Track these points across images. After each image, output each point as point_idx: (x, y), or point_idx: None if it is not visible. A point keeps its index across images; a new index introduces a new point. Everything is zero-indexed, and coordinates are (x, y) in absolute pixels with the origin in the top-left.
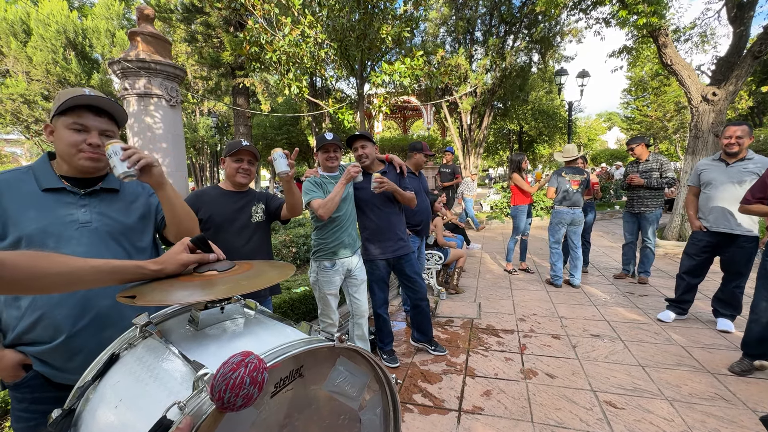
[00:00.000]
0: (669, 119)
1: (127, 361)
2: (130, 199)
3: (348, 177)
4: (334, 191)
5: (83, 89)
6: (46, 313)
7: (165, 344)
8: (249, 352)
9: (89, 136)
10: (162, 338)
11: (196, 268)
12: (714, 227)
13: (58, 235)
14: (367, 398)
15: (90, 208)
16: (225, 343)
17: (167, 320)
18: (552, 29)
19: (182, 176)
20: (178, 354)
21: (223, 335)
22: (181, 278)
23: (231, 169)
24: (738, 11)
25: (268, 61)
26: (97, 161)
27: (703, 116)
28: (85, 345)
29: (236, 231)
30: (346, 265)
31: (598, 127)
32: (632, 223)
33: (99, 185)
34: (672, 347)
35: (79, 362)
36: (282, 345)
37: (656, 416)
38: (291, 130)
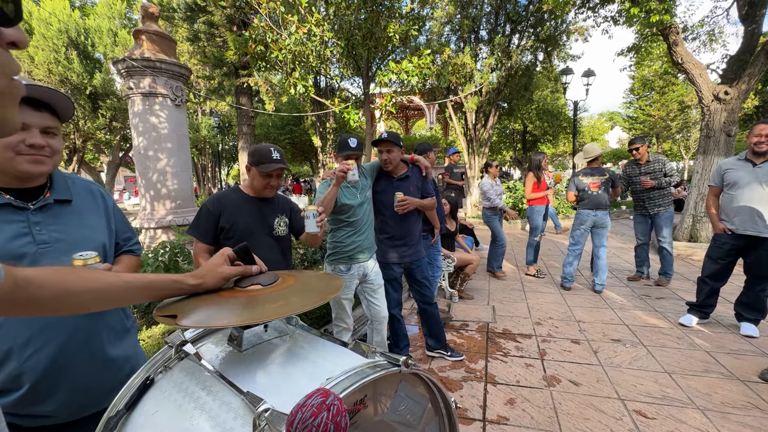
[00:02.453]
0: (672, 119)
1: (164, 387)
2: (86, 213)
3: (338, 181)
4: (326, 192)
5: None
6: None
7: (207, 368)
8: (327, 392)
9: (28, 135)
10: (200, 361)
11: (237, 282)
12: (741, 230)
13: (18, 264)
14: (426, 426)
15: (45, 226)
16: (277, 370)
17: (204, 338)
18: (558, 28)
19: (187, 176)
20: (225, 382)
21: (272, 359)
22: (222, 293)
23: (259, 182)
24: (749, 9)
25: (274, 60)
26: (41, 164)
27: (714, 115)
28: (56, 387)
29: (259, 241)
30: (362, 269)
31: (601, 127)
32: (644, 224)
33: (49, 197)
34: (697, 353)
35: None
36: (348, 374)
37: (690, 427)
38: (294, 130)
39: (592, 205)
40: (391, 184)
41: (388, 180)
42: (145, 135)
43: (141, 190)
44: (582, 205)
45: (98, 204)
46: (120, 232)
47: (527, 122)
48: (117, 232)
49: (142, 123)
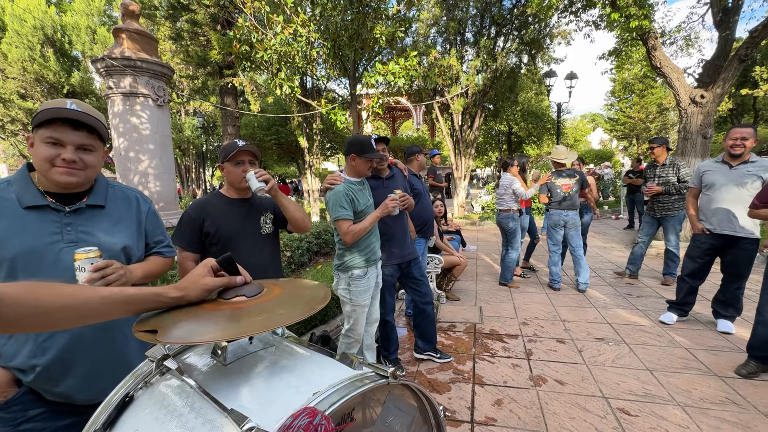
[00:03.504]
0: (652, 121)
1: (145, 404)
2: (117, 217)
3: (385, 212)
4: (368, 221)
5: (66, 101)
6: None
7: (189, 384)
8: (314, 411)
9: (64, 150)
10: (184, 376)
11: (221, 293)
12: (718, 230)
13: (42, 258)
14: None
15: (75, 227)
16: (263, 384)
17: (187, 351)
18: (542, 31)
19: (170, 178)
20: (208, 398)
21: (257, 372)
22: (205, 306)
23: (234, 175)
24: (723, 15)
25: (259, 60)
26: (72, 176)
27: (691, 118)
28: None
29: (248, 244)
30: (376, 270)
31: (583, 128)
32: (651, 226)
33: (84, 202)
34: (677, 350)
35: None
36: (335, 387)
37: (671, 423)
38: (280, 131)
39: (563, 206)
40: (382, 184)
41: (378, 180)
42: (126, 136)
43: None
44: (554, 206)
45: (131, 209)
46: (151, 234)
47: (512, 124)
48: (148, 234)
49: (123, 123)
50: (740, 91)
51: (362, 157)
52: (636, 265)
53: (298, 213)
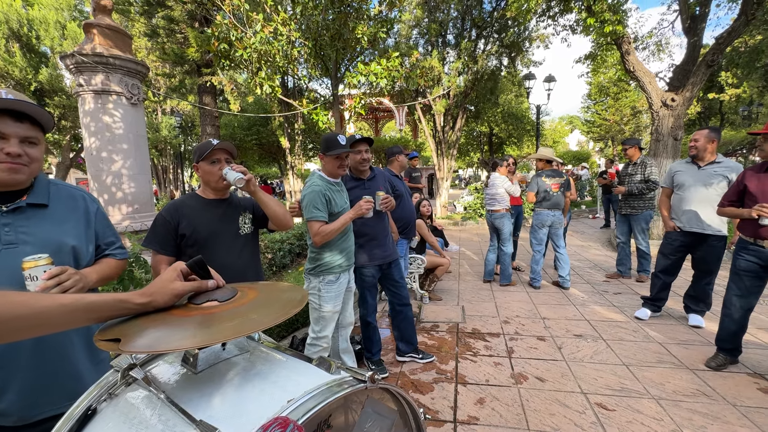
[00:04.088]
0: (626, 123)
1: (109, 417)
2: (62, 217)
3: (359, 213)
4: (339, 222)
5: (0, 90)
6: None
7: (157, 394)
8: (286, 421)
9: (7, 144)
10: (151, 386)
11: (191, 298)
12: (687, 227)
13: None
14: None
15: (14, 228)
16: (235, 392)
17: (155, 360)
18: (521, 35)
19: (146, 179)
20: (176, 409)
21: (230, 380)
22: (174, 312)
23: (211, 174)
24: (692, 22)
25: (239, 58)
26: (16, 173)
27: (663, 120)
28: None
29: (225, 246)
30: (348, 276)
31: (561, 130)
32: (624, 224)
33: (24, 200)
34: (651, 345)
35: (12, 396)
36: (311, 394)
37: (646, 416)
38: (261, 131)
39: (551, 205)
40: (363, 185)
41: (359, 182)
42: (98, 135)
43: (93, 194)
44: (542, 206)
45: (78, 209)
46: (102, 236)
47: (493, 125)
48: (98, 236)
49: (94, 122)
50: (708, 95)
51: (328, 155)
52: (626, 266)
53: (279, 208)
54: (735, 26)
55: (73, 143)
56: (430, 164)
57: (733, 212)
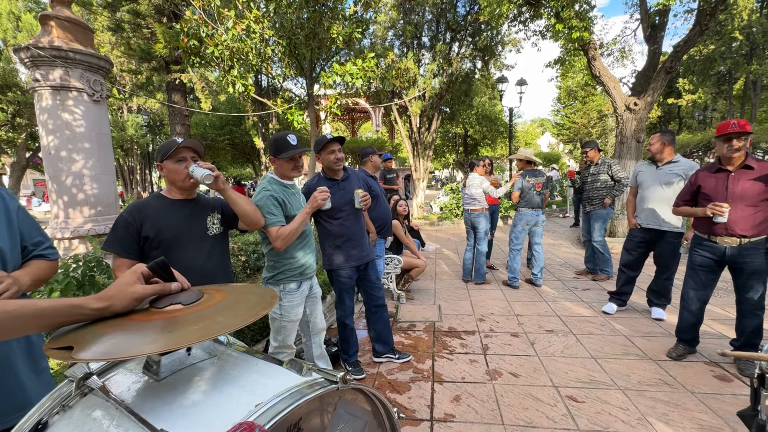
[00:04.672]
0: (593, 126)
1: (61, 430)
2: None
3: (315, 205)
4: (296, 220)
5: None
6: None
7: (115, 404)
8: (251, 426)
9: None
10: (109, 396)
11: (153, 302)
12: (645, 224)
13: None
14: None
15: None
16: (201, 399)
17: (114, 368)
18: (494, 39)
19: (110, 180)
20: (136, 419)
21: (195, 386)
22: (134, 317)
23: (176, 172)
24: (652, 31)
25: (209, 56)
26: None
27: (626, 124)
28: None
29: (192, 247)
30: (309, 283)
31: (533, 132)
32: (588, 222)
33: None
34: (617, 338)
35: None
36: (281, 396)
37: (613, 406)
38: (234, 131)
39: (533, 204)
40: (338, 185)
41: (333, 182)
42: (57, 133)
43: (52, 196)
44: (525, 205)
45: None
46: (27, 236)
47: (468, 127)
48: (24, 236)
49: (53, 120)
50: (667, 100)
51: (280, 158)
52: (593, 262)
53: (249, 207)
54: (690, 35)
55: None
56: (406, 165)
57: (688, 211)
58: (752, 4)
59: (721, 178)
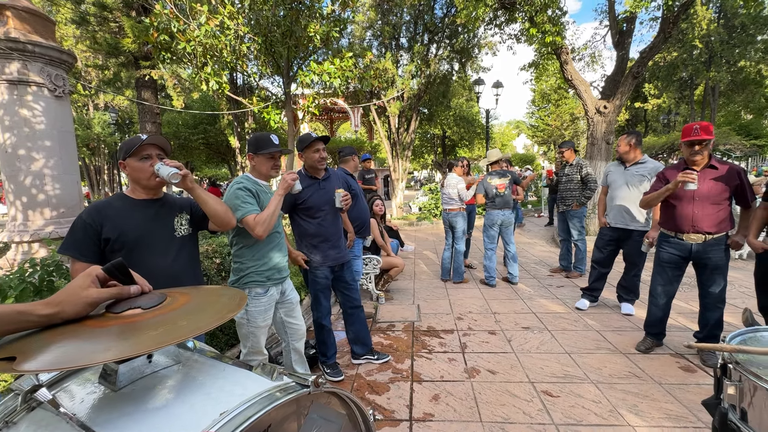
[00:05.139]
0: (566, 128)
1: None
2: None
3: (286, 186)
4: (272, 204)
5: None
6: None
7: (66, 419)
8: None
9: None
10: (59, 409)
11: (110, 307)
12: (613, 223)
13: None
14: None
15: None
16: (161, 409)
17: (66, 379)
18: (471, 41)
19: (73, 180)
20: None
21: (156, 395)
22: (88, 323)
23: (141, 171)
24: (620, 37)
25: (181, 52)
26: None
27: (597, 126)
28: None
29: (158, 249)
30: (280, 288)
31: (509, 134)
32: (563, 222)
33: None
34: (590, 333)
35: None
36: (248, 403)
37: (587, 400)
38: (208, 130)
39: (500, 205)
40: (319, 184)
41: (314, 180)
42: (14, 130)
43: (9, 197)
44: (491, 206)
45: None
46: None
47: (446, 128)
48: None
49: (9, 116)
50: (634, 104)
51: (259, 154)
52: (567, 260)
53: (219, 206)
54: (655, 42)
55: None
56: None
57: (658, 192)
58: (711, 15)
59: None
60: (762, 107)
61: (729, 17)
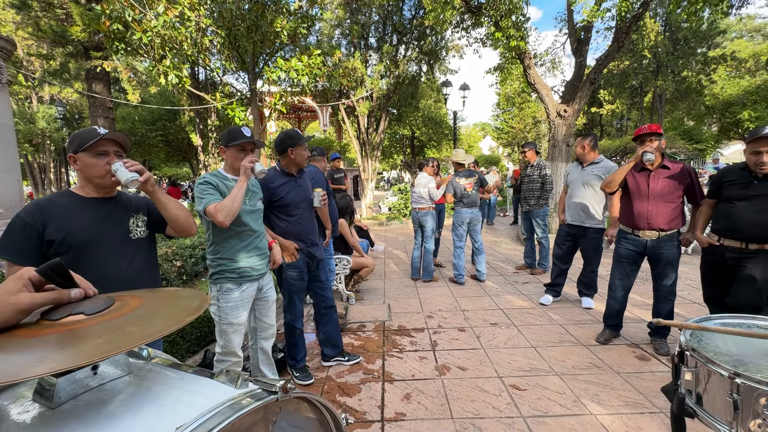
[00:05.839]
0: (529, 131)
1: None
2: None
3: (246, 172)
4: (234, 191)
5: None
6: None
7: None
8: None
9: None
10: None
11: (46, 314)
12: (570, 220)
13: None
14: None
15: None
16: (106, 426)
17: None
18: (439, 43)
19: (13, 178)
20: None
21: (100, 411)
22: (19, 332)
23: (95, 168)
24: (578, 45)
25: (137, 42)
26: None
27: (558, 129)
28: None
29: (111, 252)
30: (256, 285)
31: (475, 135)
32: (526, 221)
33: None
34: (553, 326)
35: None
36: (208, 414)
37: (552, 391)
38: (168, 126)
39: (468, 203)
40: (295, 181)
41: (291, 177)
42: None
43: None
44: (460, 205)
45: None
46: None
47: (415, 128)
48: None
49: None
50: (591, 109)
51: (231, 146)
52: (531, 258)
53: (180, 212)
54: (610, 51)
55: None
56: (355, 166)
57: (621, 168)
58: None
59: (643, 177)
60: (702, 114)
61: (674, 30)
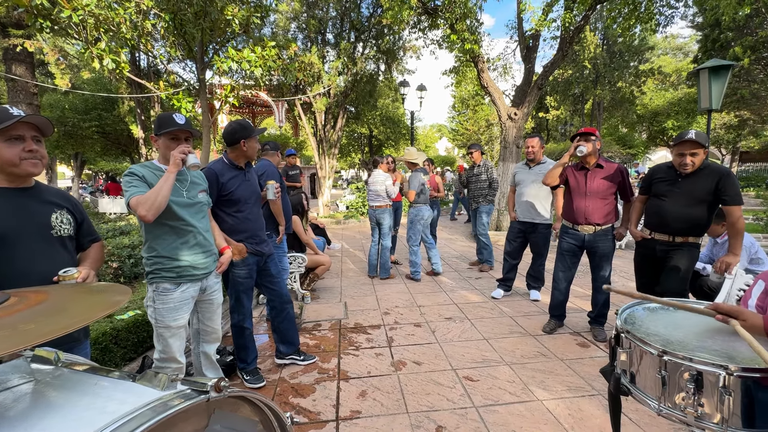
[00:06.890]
0: (482, 133)
1: None
2: None
3: (176, 162)
4: (159, 183)
5: None
6: None
7: None
8: None
9: None
10: None
11: None
12: (521, 217)
13: None
14: None
15: None
16: None
17: None
18: (396, 43)
19: None
20: None
21: None
22: None
23: (8, 154)
24: (527, 52)
25: (65, 21)
26: None
27: (509, 131)
28: None
29: (31, 248)
30: (198, 286)
31: (432, 136)
32: (476, 218)
33: None
34: (504, 319)
35: None
36: (123, 420)
37: (503, 381)
38: (105, 116)
39: (423, 200)
40: (244, 175)
41: (240, 171)
42: None
43: None
44: (420, 202)
45: None
46: None
47: (372, 127)
48: None
49: None
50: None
51: (162, 134)
52: (483, 255)
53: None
54: (555, 59)
55: None
56: (312, 163)
57: (555, 165)
58: (597, 40)
59: (582, 175)
60: (634, 122)
61: (610, 44)
